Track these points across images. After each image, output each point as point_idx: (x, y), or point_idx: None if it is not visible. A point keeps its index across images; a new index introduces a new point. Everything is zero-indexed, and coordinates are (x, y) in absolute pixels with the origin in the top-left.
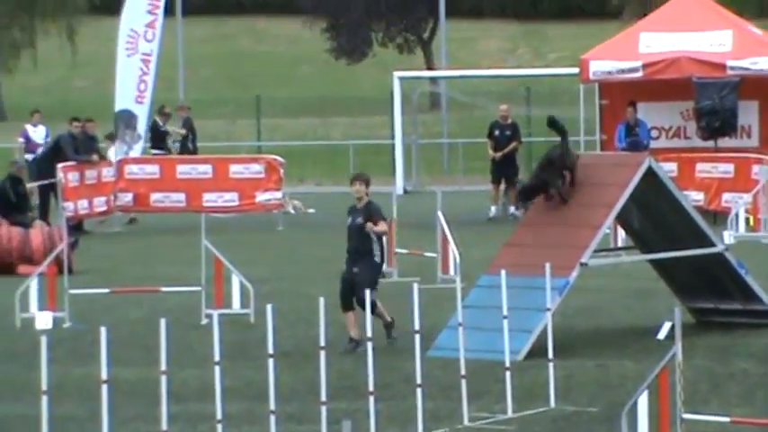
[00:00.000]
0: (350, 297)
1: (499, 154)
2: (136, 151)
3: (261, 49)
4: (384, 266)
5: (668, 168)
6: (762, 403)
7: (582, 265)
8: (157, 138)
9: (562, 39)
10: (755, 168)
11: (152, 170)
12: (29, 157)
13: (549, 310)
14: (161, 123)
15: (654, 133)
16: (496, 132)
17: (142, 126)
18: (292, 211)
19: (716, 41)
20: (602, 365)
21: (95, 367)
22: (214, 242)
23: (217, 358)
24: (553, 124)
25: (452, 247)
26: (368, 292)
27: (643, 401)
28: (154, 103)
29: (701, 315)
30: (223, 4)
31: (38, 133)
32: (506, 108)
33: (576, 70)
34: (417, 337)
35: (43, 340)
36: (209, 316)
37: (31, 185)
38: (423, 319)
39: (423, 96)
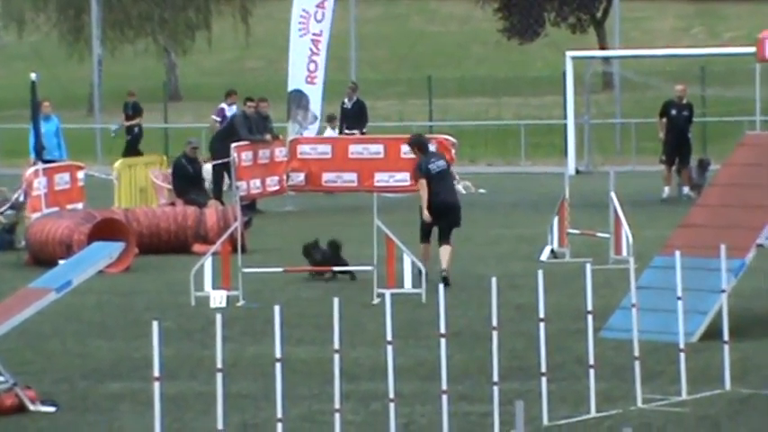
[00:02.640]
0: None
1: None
2: (311, 132)
3: (432, 29)
4: (555, 246)
5: None
6: None
7: (758, 246)
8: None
9: (738, 17)
10: None
11: (324, 150)
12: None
13: (724, 291)
14: (347, 104)
15: None
16: (672, 112)
17: (316, 106)
18: (463, 191)
19: None
20: None
21: (269, 345)
22: (386, 222)
23: (389, 337)
24: None
25: (625, 227)
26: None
27: None
28: (326, 84)
29: None
30: None
31: (232, 113)
32: (683, 88)
33: (752, 49)
34: (590, 317)
35: (218, 318)
36: (381, 295)
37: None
38: (595, 299)
39: (595, 76)
